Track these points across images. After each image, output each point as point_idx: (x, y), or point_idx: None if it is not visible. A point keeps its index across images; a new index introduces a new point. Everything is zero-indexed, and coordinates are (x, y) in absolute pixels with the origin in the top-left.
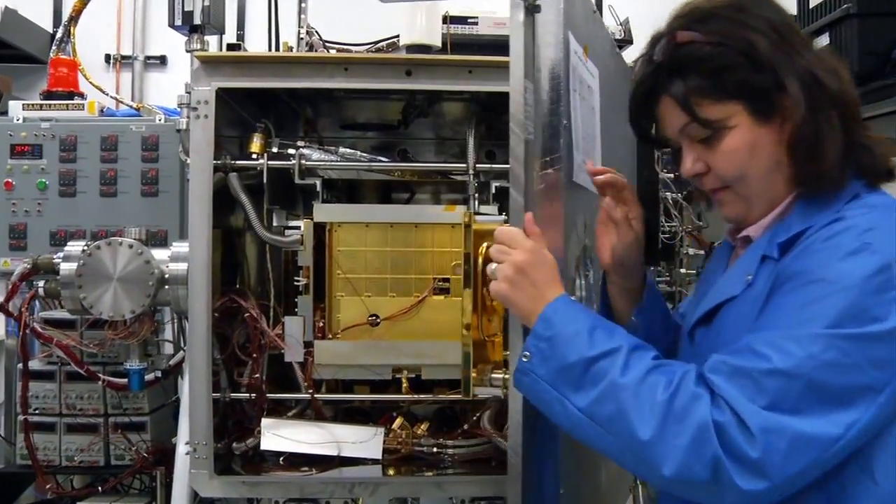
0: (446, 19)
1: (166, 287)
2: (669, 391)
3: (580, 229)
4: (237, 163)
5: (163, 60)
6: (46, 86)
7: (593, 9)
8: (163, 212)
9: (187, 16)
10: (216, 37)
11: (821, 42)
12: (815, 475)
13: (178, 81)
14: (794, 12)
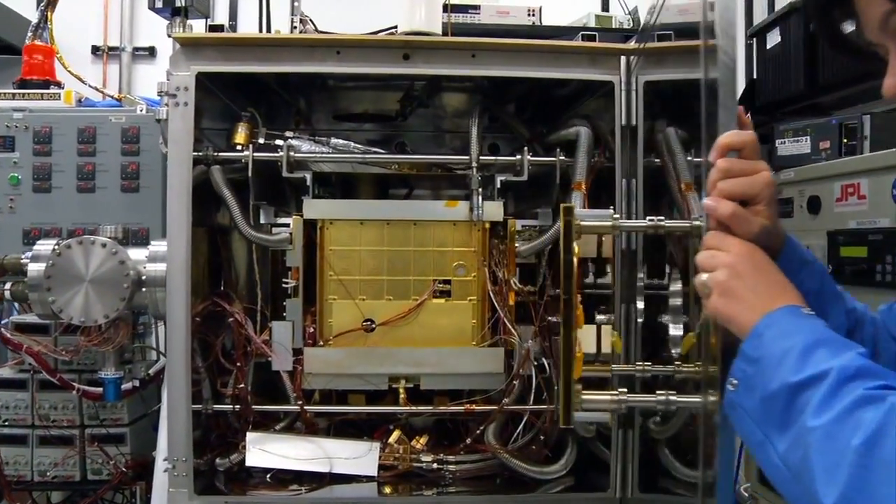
0: (447, 7)
1: (143, 289)
2: (869, 431)
3: None
4: (220, 154)
5: (152, 52)
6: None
7: None
8: (144, 208)
9: None
10: (203, 23)
11: None
12: None
13: None
14: None
